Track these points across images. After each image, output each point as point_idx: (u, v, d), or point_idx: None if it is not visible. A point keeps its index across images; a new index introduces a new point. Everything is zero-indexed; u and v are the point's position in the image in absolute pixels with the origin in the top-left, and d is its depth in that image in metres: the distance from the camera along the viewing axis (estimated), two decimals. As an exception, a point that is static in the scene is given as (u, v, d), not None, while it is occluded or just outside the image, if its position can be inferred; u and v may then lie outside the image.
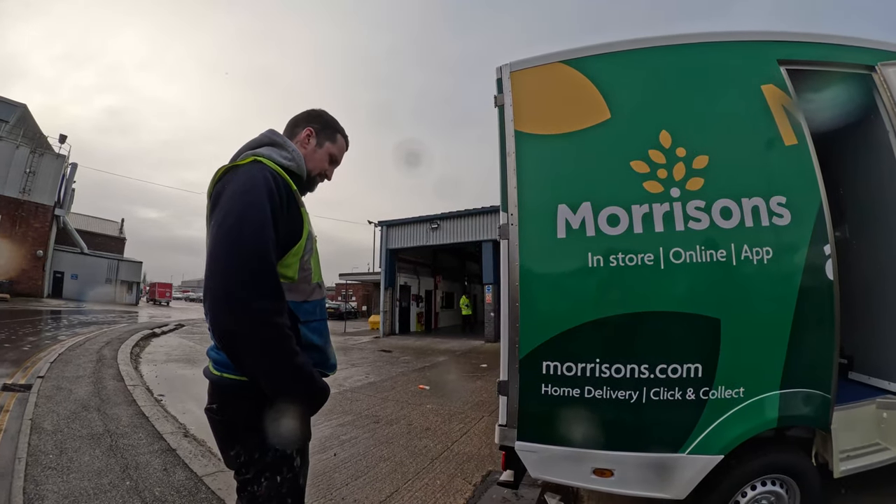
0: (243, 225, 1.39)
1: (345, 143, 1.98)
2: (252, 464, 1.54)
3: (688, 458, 2.50)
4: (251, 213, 1.42)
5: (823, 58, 2.96)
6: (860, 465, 2.73)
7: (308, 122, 1.89)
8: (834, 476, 2.68)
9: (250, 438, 1.54)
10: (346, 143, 1.99)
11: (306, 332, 1.63)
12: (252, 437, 1.53)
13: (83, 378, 7.88)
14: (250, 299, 1.33)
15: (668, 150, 2.70)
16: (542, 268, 2.76)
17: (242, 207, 1.43)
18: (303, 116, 1.91)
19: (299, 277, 1.64)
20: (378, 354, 14.37)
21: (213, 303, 1.35)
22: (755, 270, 2.55)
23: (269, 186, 1.49)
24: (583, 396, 2.57)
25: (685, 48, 2.94)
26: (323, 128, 1.90)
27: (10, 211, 31.79)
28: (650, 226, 2.62)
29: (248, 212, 1.42)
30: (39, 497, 3.52)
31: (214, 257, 1.38)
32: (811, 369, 2.56)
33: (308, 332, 1.64)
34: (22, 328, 14.95)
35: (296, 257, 1.61)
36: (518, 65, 3.08)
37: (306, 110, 1.94)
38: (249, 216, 1.41)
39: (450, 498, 3.79)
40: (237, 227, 1.39)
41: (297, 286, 1.63)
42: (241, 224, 1.40)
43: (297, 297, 1.63)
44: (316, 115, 1.92)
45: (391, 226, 22.88)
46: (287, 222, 1.55)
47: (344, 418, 6.28)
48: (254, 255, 1.37)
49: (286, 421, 1.49)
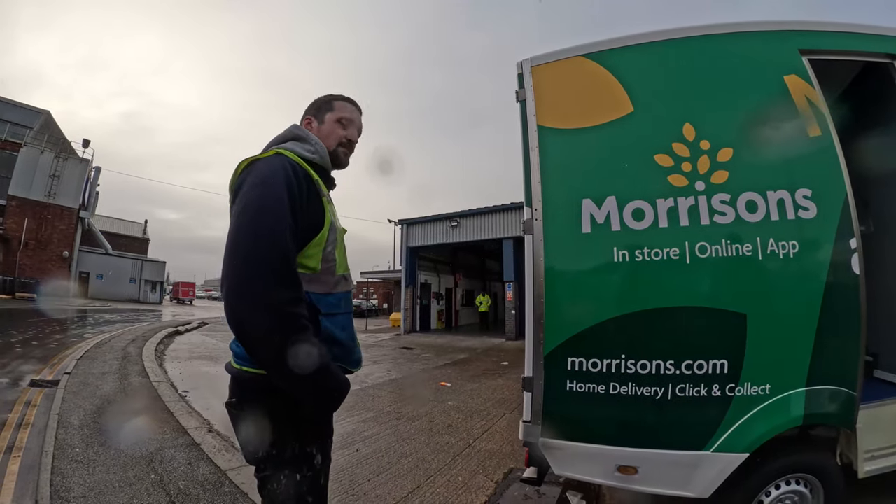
0: (260, 215, 1.40)
1: (347, 104, 1.93)
2: (271, 460, 1.52)
3: (712, 455, 2.46)
4: (268, 203, 1.42)
5: (844, 47, 2.89)
6: (885, 465, 2.67)
7: (305, 114, 1.91)
8: (858, 476, 2.62)
9: (269, 434, 1.50)
10: (349, 102, 1.94)
11: (328, 324, 1.60)
12: (271, 432, 1.50)
13: (109, 374, 8.06)
14: (263, 288, 1.32)
15: (691, 142, 2.66)
16: (566, 263, 2.74)
17: (260, 198, 1.43)
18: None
19: (322, 269, 1.61)
20: (399, 352, 14.46)
21: (228, 292, 1.35)
22: (781, 265, 2.50)
23: (287, 176, 1.49)
24: (608, 393, 2.55)
25: (706, 39, 2.88)
26: (317, 108, 1.90)
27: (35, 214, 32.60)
28: (675, 220, 2.58)
29: (266, 202, 1.42)
30: (66, 489, 3.61)
31: (230, 248, 1.38)
32: (837, 366, 2.51)
33: (330, 325, 1.61)
34: (48, 326, 15.30)
35: (318, 248, 1.59)
36: (539, 59, 3.06)
37: None
38: (266, 206, 1.42)
39: (472, 494, 3.79)
40: (254, 218, 1.40)
41: (320, 277, 1.61)
42: (258, 214, 1.40)
43: (320, 288, 1.61)
44: (309, 105, 1.93)
45: (411, 224, 22.98)
46: (308, 213, 1.55)
47: (366, 414, 6.32)
48: (268, 245, 1.36)
49: (305, 417, 1.49)
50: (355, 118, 1.93)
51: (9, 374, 7.52)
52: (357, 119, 1.94)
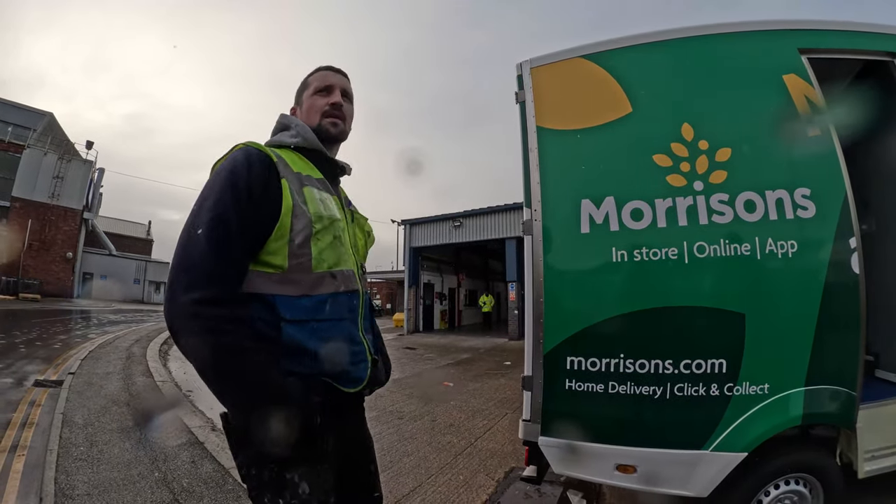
0: (194, 220, 1.30)
1: (319, 73, 1.76)
2: (250, 479, 1.36)
3: (711, 455, 2.47)
4: (205, 205, 1.31)
5: (843, 45, 2.89)
6: (886, 465, 2.67)
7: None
8: (858, 476, 2.62)
9: (248, 450, 1.35)
10: (323, 69, 1.77)
11: (294, 332, 1.37)
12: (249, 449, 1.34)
13: (113, 374, 8.08)
14: (180, 290, 1.21)
15: (690, 142, 2.67)
16: (566, 263, 2.76)
17: (198, 204, 1.34)
18: None
19: (290, 266, 1.39)
20: (402, 352, 14.47)
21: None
22: (780, 264, 2.51)
23: (232, 172, 1.35)
24: (606, 392, 2.56)
25: (704, 39, 2.89)
26: (297, 94, 1.80)
27: (39, 215, 32.68)
28: (674, 220, 2.59)
29: (203, 205, 1.32)
30: (70, 487, 3.63)
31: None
32: (836, 366, 2.52)
33: (298, 335, 1.38)
34: (52, 327, 15.33)
35: (281, 241, 1.37)
36: (538, 61, 3.08)
37: None
38: (202, 211, 1.31)
39: (472, 493, 3.81)
40: (188, 224, 1.31)
41: (289, 276, 1.39)
42: (193, 219, 1.31)
43: (292, 290, 1.39)
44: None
45: (414, 224, 22.94)
46: (263, 203, 1.35)
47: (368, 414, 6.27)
48: (193, 246, 1.26)
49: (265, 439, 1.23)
50: (334, 81, 1.74)
51: (13, 375, 7.56)
52: (337, 81, 1.74)
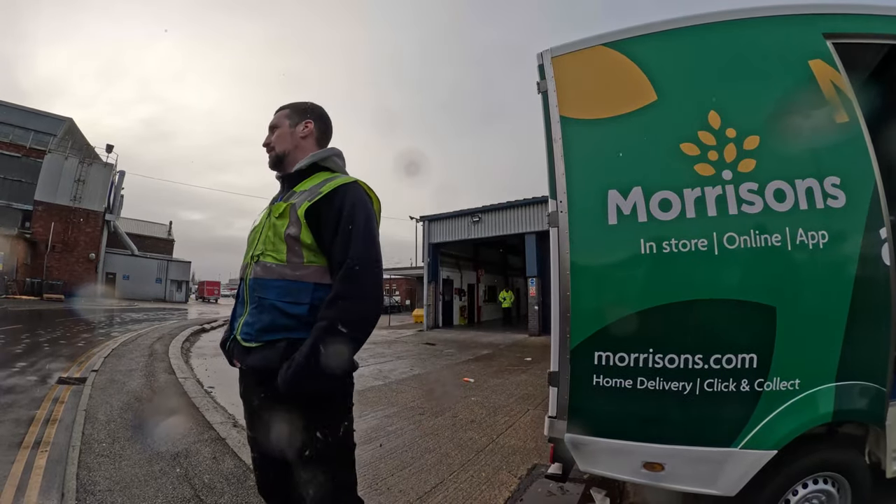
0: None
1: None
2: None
3: (740, 452, 2.39)
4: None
5: (870, 30, 2.77)
6: None
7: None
8: (887, 475, 2.54)
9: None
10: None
11: None
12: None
13: (136, 371, 8.21)
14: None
15: (717, 131, 2.59)
16: (593, 255, 2.69)
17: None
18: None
19: None
20: (422, 347, 14.49)
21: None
22: (810, 255, 2.42)
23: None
24: (635, 388, 2.50)
25: (728, 25, 2.80)
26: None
27: (62, 218, 33.49)
28: (703, 210, 2.51)
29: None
30: (92, 483, 3.67)
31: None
32: (867, 361, 2.42)
33: None
34: (76, 326, 15.66)
35: None
36: (559, 50, 3.01)
37: None
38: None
39: (495, 490, 3.78)
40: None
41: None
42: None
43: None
44: None
45: (433, 220, 22.99)
46: None
47: (389, 410, 6.34)
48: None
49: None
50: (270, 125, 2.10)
51: (38, 372, 7.72)
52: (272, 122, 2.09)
